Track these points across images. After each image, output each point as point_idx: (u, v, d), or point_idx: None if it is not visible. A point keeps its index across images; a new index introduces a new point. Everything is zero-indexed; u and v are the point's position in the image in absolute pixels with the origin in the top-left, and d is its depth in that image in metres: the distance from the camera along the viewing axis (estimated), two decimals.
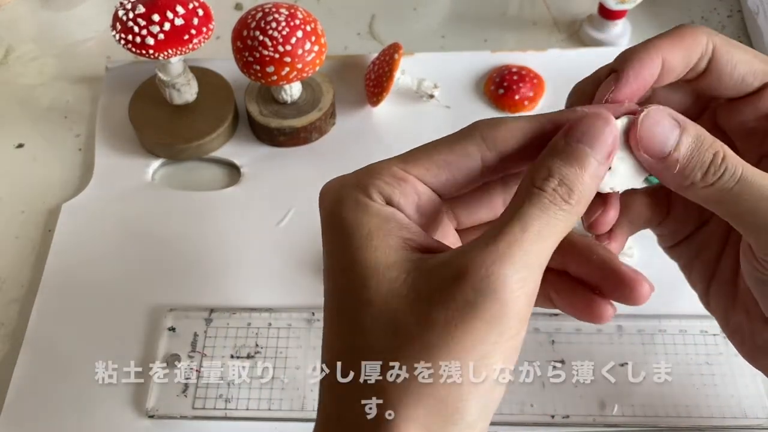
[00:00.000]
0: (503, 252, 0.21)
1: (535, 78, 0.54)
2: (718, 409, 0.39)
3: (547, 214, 0.22)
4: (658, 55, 0.26)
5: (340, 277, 0.23)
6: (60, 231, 0.48)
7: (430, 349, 0.21)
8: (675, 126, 0.24)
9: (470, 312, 0.20)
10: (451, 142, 0.24)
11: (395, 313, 0.22)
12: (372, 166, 0.24)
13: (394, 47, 0.52)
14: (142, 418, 0.40)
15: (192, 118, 0.52)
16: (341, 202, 0.24)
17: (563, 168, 0.22)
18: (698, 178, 0.24)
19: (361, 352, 0.22)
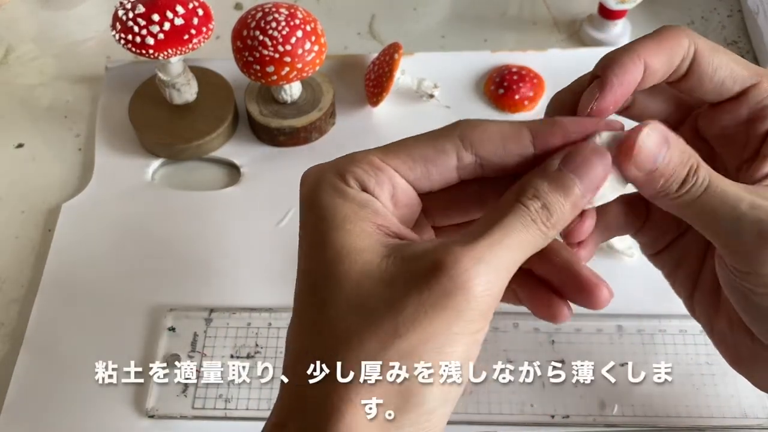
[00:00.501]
0: (481, 254, 0.22)
1: (535, 78, 0.54)
2: (718, 409, 0.39)
3: (526, 230, 0.23)
4: (640, 58, 0.26)
5: (312, 257, 0.24)
6: (60, 231, 0.48)
7: (397, 332, 0.21)
8: (665, 142, 0.24)
9: (442, 301, 0.21)
10: (431, 138, 0.25)
11: (366, 294, 0.22)
12: (352, 154, 0.25)
13: (394, 47, 0.52)
14: (142, 418, 0.40)
15: (192, 118, 0.52)
16: (319, 186, 0.24)
17: (549, 194, 0.23)
18: (673, 190, 0.25)
19: (328, 330, 0.22)
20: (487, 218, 0.23)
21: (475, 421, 0.39)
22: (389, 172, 0.25)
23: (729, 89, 0.27)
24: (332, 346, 0.22)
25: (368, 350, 0.21)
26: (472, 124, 0.25)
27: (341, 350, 0.22)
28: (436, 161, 0.25)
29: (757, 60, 0.58)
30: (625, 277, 0.44)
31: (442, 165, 0.25)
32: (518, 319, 0.42)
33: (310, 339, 0.23)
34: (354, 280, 0.22)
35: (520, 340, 0.42)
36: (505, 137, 0.24)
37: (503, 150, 0.24)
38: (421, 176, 0.25)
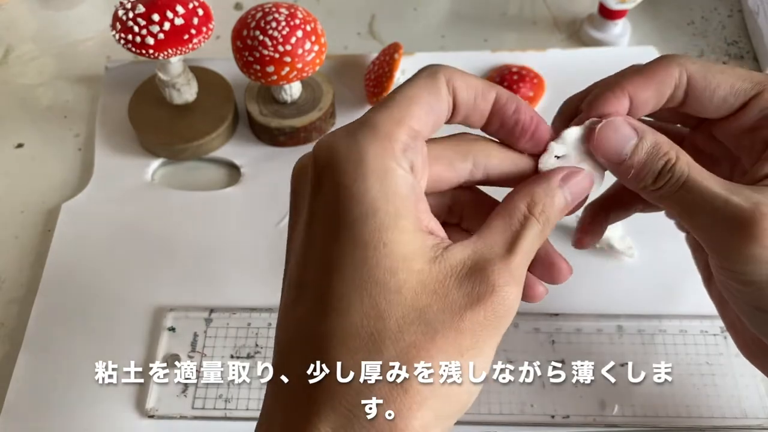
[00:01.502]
0: (517, 273, 0.24)
1: (535, 78, 0.54)
2: (718, 409, 0.39)
3: (537, 240, 0.25)
4: (624, 93, 0.27)
5: (353, 252, 0.22)
6: (60, 231, 0.48)
7: (460, 350, 0.22)
8: (633, 135, 0.26)
9: (495, 322, 0.23)
10: (425, 86, 0.24)
11: (425, 308, 0.22)
12: (382, 118, 0.23)
13: (394, 47, 0.52)
14: (142, 418, 0.40)
15: (192, 117, 0.52)
16: (363, 166, 0.22)
17: (551, 209, 0.26)
18: (649, 182, 0.26)
19: (385, 341, 0.22)
20: (509, 228, 0.25)
21: (475, 421, 0.39)
22: (421, 139, 0.24)
23: (732, 104, 0.28)
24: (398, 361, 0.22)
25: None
26: (452, 69, 0.25)
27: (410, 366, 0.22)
28: (438, 109, 0.25)
29: (757, 60, 0.58)
30: (625, 277, 0.45)
31: (441, 113, 0.25)
32: (518, 319, 0.42)
33: (368, 350, 0.22)
34: (413, 291, 0.22)
35: (520, 340, 0.42)
36: (478, 89, 0.25)
37: (473, 101, 0.25)
38: (431, 130, 0.25)
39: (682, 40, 0.60)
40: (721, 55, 0.58)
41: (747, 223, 0.24)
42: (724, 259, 0.26)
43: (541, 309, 0.43)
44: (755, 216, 0.24)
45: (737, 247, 0.25)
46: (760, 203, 0.25)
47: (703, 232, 0.26)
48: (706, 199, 0.25)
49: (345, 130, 0.24)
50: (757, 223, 0.24)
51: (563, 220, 0.36)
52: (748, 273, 0.25)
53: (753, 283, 0.26)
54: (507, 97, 0.26)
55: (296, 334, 0.23)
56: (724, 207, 0.25)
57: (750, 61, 0.58)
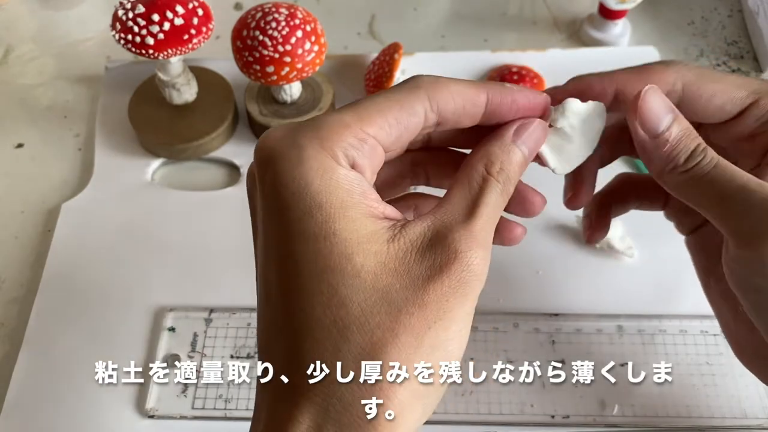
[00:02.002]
0: (480, 235, 0.23)
1: (535, 78, 0.54)
2: (718, 409, 0.39)
3: (501, 200, 0.25)
4: (612, 86, 0.27)
5: (312, 251, 0.22)
6: (60, 231, 0.48)
7: (427, 324, 0.22)
8: (670, 110, 0.26)
9: (460, 289, 0.22)
10: (400, 99, 0.24)
11: (388, 288, 0.22)
12: (328, 122, 0.23)
13: (394, 47, 0.52)
14: (142, 418, 0.40)
15: (192, 118, 0.52)
16: (302, 164, 0.23)
17: (509, 165, 0.25)
18: (681, 162, 0.26)
19: (350, 326, 0.22)
20: (468, 193, 0.24)
21: (475, 421, 0.39)
22: (372, 142, 0.24)
23: (728, 112, 0.28)
24: (366, 347, 0.21)
25: (405, 346, 0.22)
26: (436, 82, 0.25)
27: (377, 350, 0.21)
28: (407, 123, 0.24)
29: (757, 60, 0.58)
30: (625, 277, 0.45)
31: (412, 127, 0.25)
32: (518, 319, 0.42)
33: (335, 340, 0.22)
34: (372, 273, 0.22)
35: (520, 340, 0.42)
36: (466, 97, 0.25)
37: (462, 109, 0.25)
38: (394, 140, 0.25)
39: (682, 40, 0.60)
40: (721, 55, 0.58)
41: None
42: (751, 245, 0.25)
43: (541, 309, 0.43)
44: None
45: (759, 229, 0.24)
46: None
47: (732, 216, 0.25)
48: (738, 181, 0.25)
49: (286, 129, 0.24)
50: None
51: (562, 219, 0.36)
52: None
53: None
54: (500, 94, 0.26)
55: (268, 333, 0.24)
56: (760, 188, 0.24)
57: (750, 61, 0.58)
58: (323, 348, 0.22)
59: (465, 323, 0.23)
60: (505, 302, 0.43)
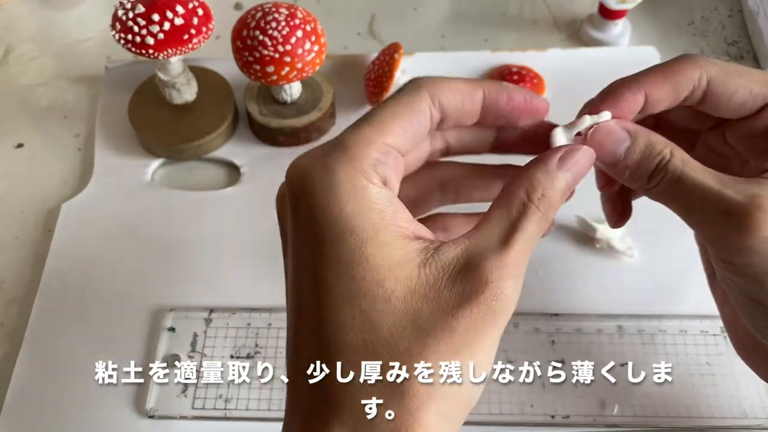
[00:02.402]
0: (514, 266, 0.23)
1: (535, 78, 0.54)
2: (718, 409, 0.39)
3: (538, 228, 0.24)
4: (640, 90, 0.27)
5: (345, 275, 0.23)
6: (60, 231, 0.48)
7: (455, 350, 0.22)
8: (626, 137, 0.27)
9: (489, 318, 0.22)
10: (407, 102, 0.25)
11: (416, 313, 0.22)
12: (353, 140, 0.24)
13: (394, 47, 0.52)
14: (142, 418, 0.40)
15: (192, 118, 0.52)
16: (335, 188, 0.23)
17: (552, 192, 0.25)
18: (644, 182, 0.27)
19: (379, 350, 0.22)
20: (505, 218, 0.24)
21: (475, 421, 0.39)
22: (393, 153, 0.24)
23: (749, 109, 0.28)
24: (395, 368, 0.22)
25: None
26: (435, 81, 0.25)
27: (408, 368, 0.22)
28: (418, 125, 0.25)
29: (757, 60, 0.58)
30: (625, 277, 0.45)
31: (422, 128, 0.25)
32: (518, 319, 0.42)
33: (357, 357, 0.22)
34: (402, 298, 0.22)
35: (520, 340, 0.42)
36: (464, 93, 0.26)
37: (462, 105, 0.26)
38: (410, 145, 0.25)
39: (682, 40, 0.60)
40: (721, 56, 0.58)
41: (741, 215, 0.24)
42: (721, 251, 0.26)
43: (541, 309, 0.43)
44: (749, 208, 0.24)
45: (733, 240, 0.25)
46: (755, 195, 0.25)
47: (700, 226, 0.27)
48: (701, 194, 0.25)
49: (316, 153, 0.24)
50: (751, 215, 0.24)
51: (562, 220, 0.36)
52: (745, 265, 0.26)
53: (749, 275, 0.26)
54: (495, 90, 0.26)
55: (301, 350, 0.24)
56: (719, 200, 0.25)
57: (750, 61, 0.58)
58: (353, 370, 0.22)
59: (491, 350, 0.23)
60: None
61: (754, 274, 0.26)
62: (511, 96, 0.26)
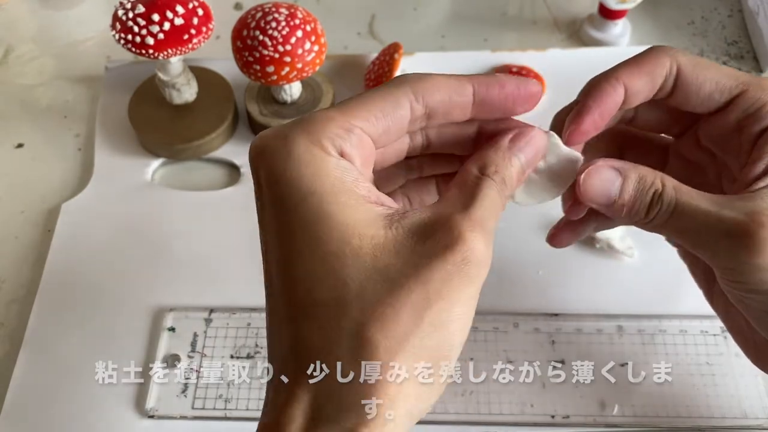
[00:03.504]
0: (481, 223, 0.23)
1: (535, 78, 0.54)
2: (718, 409, 0.39)
3: (498, 198, 0.25)
4: (619, 82, 0.28)
5: (310, 236, 0.23)
6: (60, 231, 0.48)
7: (428, 301, 0.22)
8: (616, 176, 0.27)
9: (463, 269, 0.22)
10: (385, 93, 0.25)
11: (386, 267, 0.22)
12: (314, 116, 0.24)
13: (394, 47, 0.52)
14: (142, 418, 0.40)
15: (192, 118, 0.52)
16: (292, 156, 0.23)
17: (505, 169, 0.25)
18: (643, 216, 0.27)
19: (351, 303, 0.22)
20: (465, 190, 0.24)
21: (475, 421, 0.39)
22: (357, 132, 0.24)
23: (717, 101, 0.28)
24: (366, 322, 0.21)
25: (404, 322, 0.22)
26: (420, 77, 0.26)
27: (377, 325, 0.21)
28: (393, 115, 0.25)
29: (757, 60, 0.58)
30: (625, 277, 0.45)
31: (398, 119, 0.25)
32: (518, 319, 0.42)
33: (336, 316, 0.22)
34: (371, 254, 0.22)
35: (520, 340, 0.42)
36: (451, 88, 0.26)
37: (449, 100, 0.26)
38: (381, 132, 0.25)
39: (682, 40, 0.60)
40: (721, 55, 0.58)
41: (744, 235, 0.25)
42: (730, 273, 0.26)
43: (541, 309, 0.43)
44: (751, 227, 0.24)
45: (741, 261, 0.25)
46: (754, 213, 0.25)
47: (704, 251, 0.26)
48: (700, 220, 0.26)
49: (276, 128, 0.25)
50: (755, 234, 0.24)
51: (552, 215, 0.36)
52: (758, 283, 0.25)
53: (763, 291, 0.26)
54: (486, 83, 0.26)
55: (271, 323, 0.24)
56: (719, 224, 0.25)
57: (750, 61, 0.58)
58: (325, 326, 0.22)
59: (468, 307, 0.23)
60: (505, 302, 0.43)
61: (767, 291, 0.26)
62: (503, 84, 0.26)
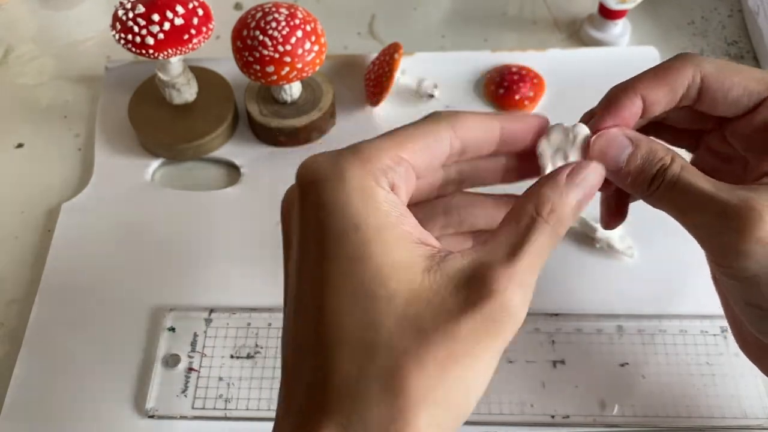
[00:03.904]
0: (522, 277, 0.23)
1: (535, 78, 0.54)
2: (718, 409, 0.39)
3: (549, 241, 0.24)
4: (636, 94, 0.28)
5: (341, 267, 0.22)
6: (60, 231, 0.48)
7: (455, 356, 0.22)
8: (627, 144, 0.27)
9: (493, 328, 0.22)
10: (426, 128, 0.26)
11: (418, 316, 0.22)
12: (367, 146, 0.24)
13: (394, 47, 0.52)
14: (142, 418, 0.40)
15: (192, 118, 0.52)
16: (344, 186, 0.23)
17: (562, 207, 0.25)
18: (645, 188, 0.27)
19: (380, 347, 0.22)
20: (514, 232, 0.24)
21: (475, 421, 0.39)
22: (405, 164, 0.25)
23: (745, 105, 0.28)
24: (392, 370, 0.21)
25: (430, 375, 0.21)
26: (455, 114, 0.26)
27: (403, 374, 0.21)
28: (435, 149, 0.26)
29: (757, 60, 0.58)
30: (625, 277, 0.45)
31: (439, 153, 0.26)
32: None
33: (361, 359, 0.22)
34: (404, 300, 0.22)
35: (520, 340, 0.42)
36: (482, 125, 0.27)
37: (482, 136, 0.27)
38: (425, 167, 0.26)
39: (682, 40, 0.60)
40: (721, 55, 0.58)
41: (735, 217, 0.25)
42: (717, 256, 0.27)
43: (541, 309, 0.43)
44: (743, 211, 0.25)
45: (727, 244, 0.25)
46: (748, 198, 0.25)
47: (696, 230, 0.27)
48: (695, 197, 0.26)
49: (329, 154, 0.25)
50: (745, 217, 0.24)
51: None
52: (740, 269, 0.26)
53: (745, 278, 0.26)
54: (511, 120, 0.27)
55: (297, 350, 0.24)
56: (713, 203, 0.25)
57: (750, 61, 0.58)
58: (350, 366, 0.22)
59: (493, 361, 0.23)
60: None
61: (749, 277, 0.26)
62: (525, 121, 0.28)
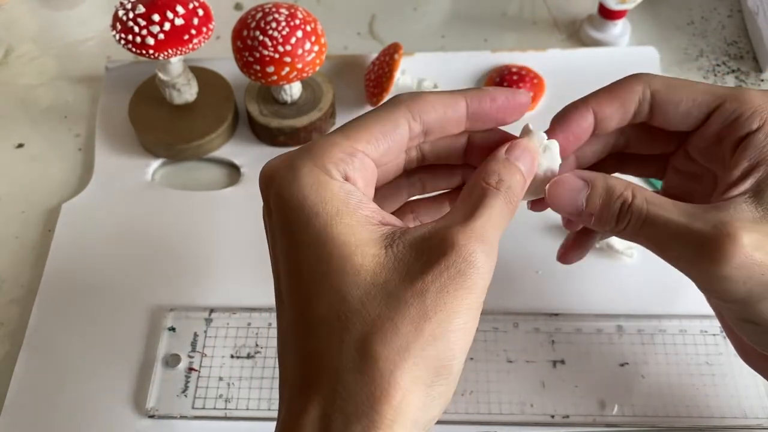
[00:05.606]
0: (480, 233, 0.24)
1: (535, 78, 0.54)
2: (718, 409, 0.39)
3: (504, 206, 0.25)
4: (588, 110, 0.29)
5: (313, 256, 0.24)
6: (60, 231, 0.48)
7: (426, 314, 0.22)
8: (583, 186, 0.28)
9: (458, 280, 0.23)
10: (383, 115, 0.26)
11: (386, 283, 0.23)
12: (318, 143, 0.25)
13: (394, 47, 0.52)
14: (142, 417, 0.40)
15: (192, 118, 0.52)
16: (298, 181, 0.24)
17: (508, 177, 0.26)
18: (613, 225, 0.28)
19: (351, 318, 0.23)
20: (468, 202, 0.25)
21: (475, 421, 0.39)
22: (361, 156, 0.25)
23: (696, 117, 0.29)
24: (367, 335, 0.22)
25: (404, 334, 0.22)
26: (415, 96, 0.27)
27: (378, 338, 0.22)
28: (393, 136, 0.26)
29: (756, 60, 0.58)
30: (625, 277, 0.45)
31: (398, 138, 0.26)
32: (518, 319, 0.42)
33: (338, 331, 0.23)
34: (371, 271, 0.23)
35: (520, 340, 0.42)
36: (445, 104, 0.27)
37: (444, 116, 0.27)
38: (383, 154, 0.26)
39: (682, 40, 0.60)
40: (721, 55, 0.58)
41: (712, 247, 0.25)
42: (701, 284, 0.27)
43: (541, 309, 0.43)
44: (718, 239, 0.25)
45: (710, 271, 0.26)
46: (721, 224, 0.25)
47: (675, 262, 0.27)
48: (670, 231, 0.26)
49: (283, 155, 0.26)
50: (722, 246, 0.25)
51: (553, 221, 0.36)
52: (727, 292, 0.26)
53: (734, 300, 0.27)
54: (478, 97, 0.27)
55: (283, 337, 0.25)
56: (688, 235, 0.26)
57: (750, 61, 0.58)
58: (329, 341, 0.23)
59: (469, 317, 0.23)
60: (505, 302, 0.43)
61: (736, 300, 0.27)
62: (494, 98, 0.27)
